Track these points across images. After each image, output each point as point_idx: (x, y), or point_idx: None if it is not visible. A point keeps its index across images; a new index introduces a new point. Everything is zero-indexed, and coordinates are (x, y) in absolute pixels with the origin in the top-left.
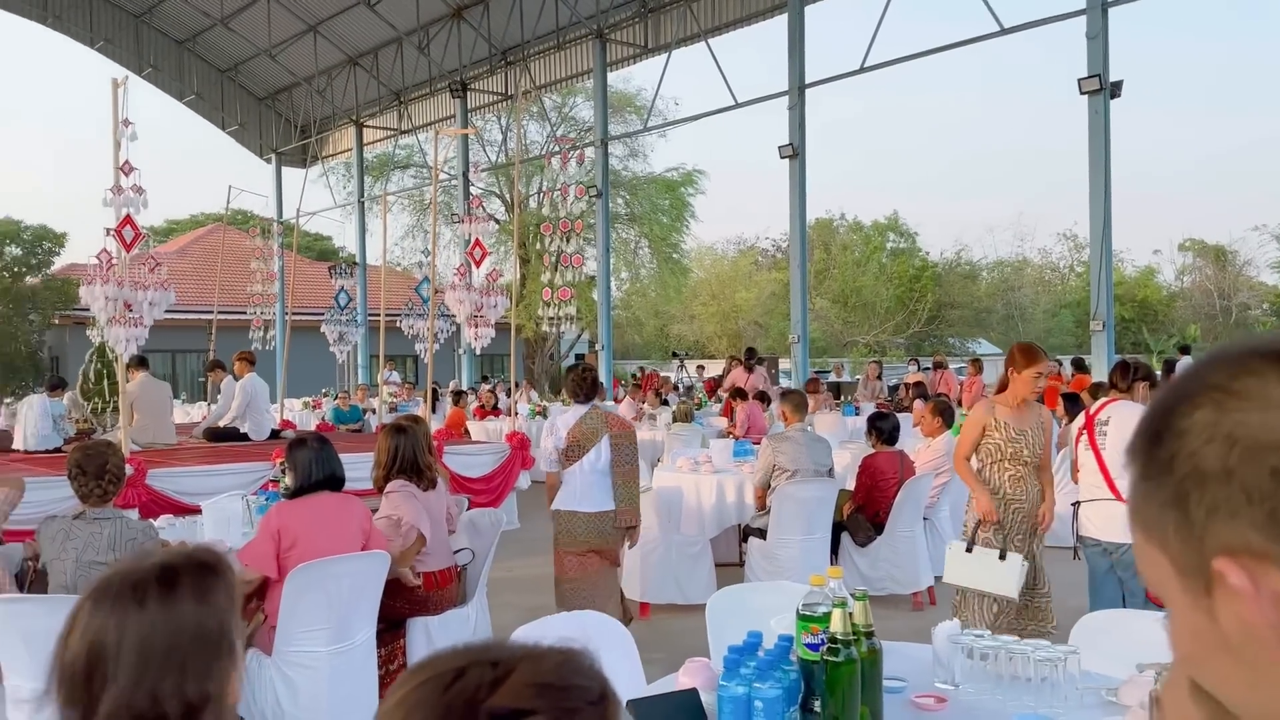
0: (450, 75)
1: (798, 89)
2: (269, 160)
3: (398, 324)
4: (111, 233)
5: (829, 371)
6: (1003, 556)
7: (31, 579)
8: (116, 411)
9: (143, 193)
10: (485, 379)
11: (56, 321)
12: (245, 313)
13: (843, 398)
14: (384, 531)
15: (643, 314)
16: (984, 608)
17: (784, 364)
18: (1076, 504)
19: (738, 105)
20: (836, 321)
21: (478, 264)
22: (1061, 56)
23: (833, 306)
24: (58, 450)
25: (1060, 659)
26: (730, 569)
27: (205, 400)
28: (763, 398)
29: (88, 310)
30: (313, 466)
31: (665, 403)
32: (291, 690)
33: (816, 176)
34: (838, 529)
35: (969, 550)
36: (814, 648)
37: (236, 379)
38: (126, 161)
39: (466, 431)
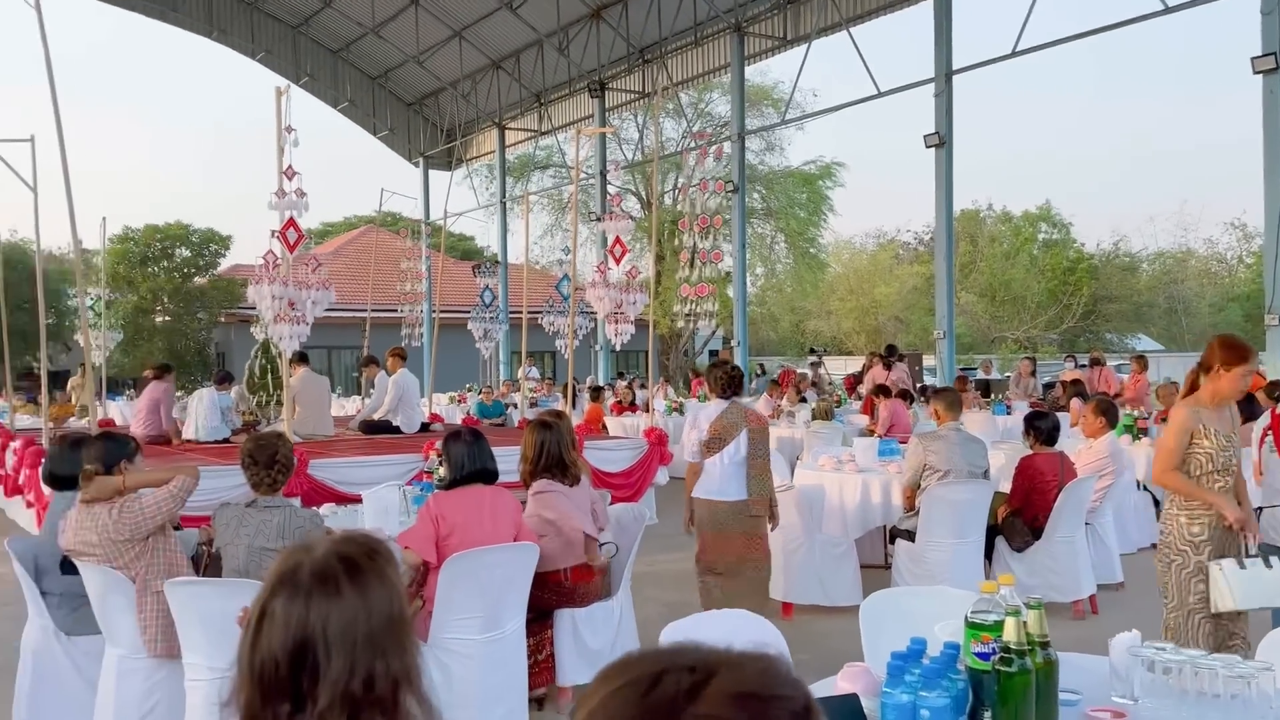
0: (589, 75)
1: (945, 75)
2: (417, 164)
3: (539, 321)
4: (276, 235)
5: (975, 368)
6: (1268, 564)
7: (206, 563)
8: (280, 404)
9: (304, 196)
10: (620, 375)
11: (223, 320)
12: (396, 310)
13: (992, 396)
14: (535, 529)
15: (778, 310)
16: (1197, 626)
17: (927, 360)
18: (1259, 509)
19: (880, 95)
20: (983, 316)
21: (618, 261)
22: (1231, 35)
23: (979, 301)
24: (225, 441)
25: (1252, 675)
26: (875, 571)
27: (359, 395)
28: (906, 395)
29: (252, 309)
30: (466, 460)
31: (804, 400)
32: (446, 677)
33: (963, 165)
34: (992, 533)
35: (1243, 566)
36: (984, 657)
37: (389, 374)
38: (289, 166)
39: (604, 427)
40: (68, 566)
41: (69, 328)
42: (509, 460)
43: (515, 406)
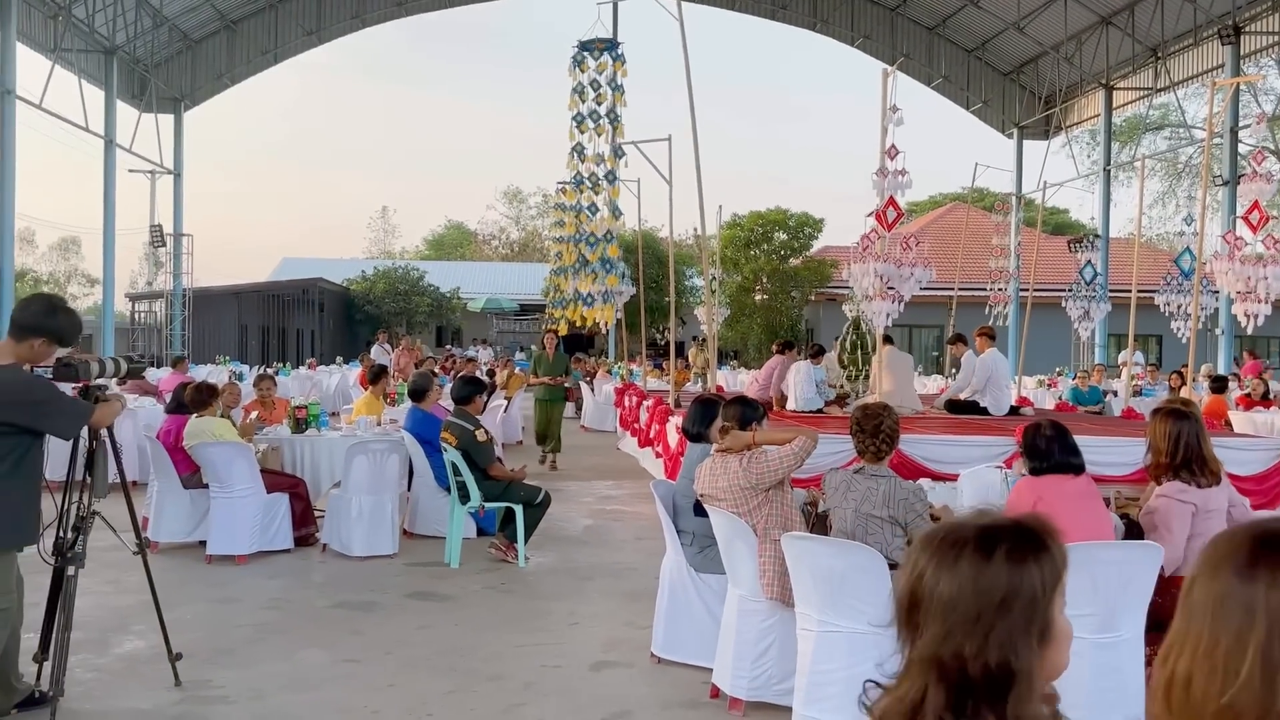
0: (1220, 20)
1: None
2: (1010, 135)
3: (1153, 300)
4: (873, 214)
5: None
6: None
7: (813, 521)
8: (867, 379)
9: (906, 174)
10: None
11: (813, 298)
12: (984, 289)
13: None
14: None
15: None
16: None
17: None
18: None
19: None
20: None
21: (1254, 229)
22: None
23: None
24: (819, 411)
25: None
26: None
27: (940, 373)
28: None
29: (841, 287)
30: (1047, 450)
31: None
32: None
33: None
34: None
35: None
36: None
37: (977, 354)
38: (893, 146)
39: (1228, 423)
40: (700, 510)
41: (688, 304)
42: (1107, 452)
43: (1114, 394)
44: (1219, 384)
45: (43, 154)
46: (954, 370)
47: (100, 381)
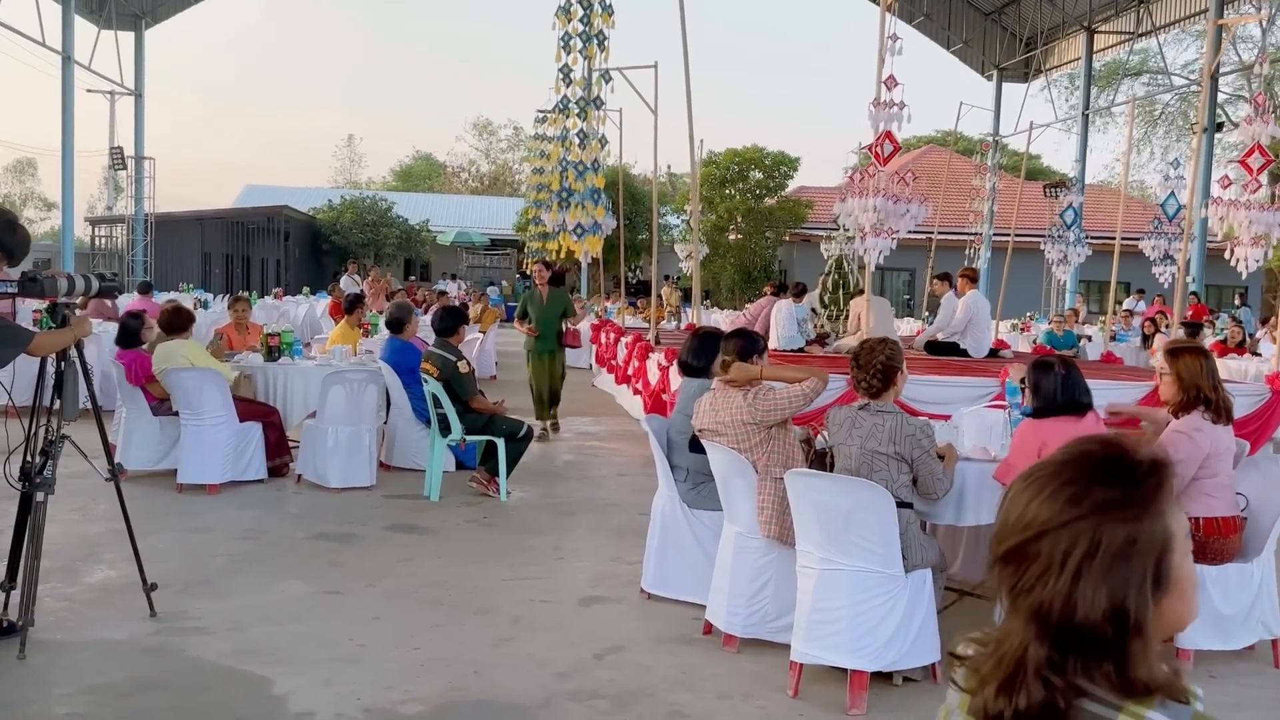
0: None
1: None
2: (990, 77)
3: (1138, 246)
4: (867, 147)
5: None
6: None
7: (811, 459)
8: (847, 319)
9: (905, 107)
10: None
11: (787, 239)
12: (958, 234)
13: None
14: None
15: None
16: None
17: None
18: None
19: None
20: None
21: (1254, 173)
22: None
23: None
24: (800, 350)
25: None
26: None
27: (911, 316)
28: None
29: (816, 228)
30: (1058, 390)
31: None
32: None
33: None
34: None
35: None
36: None
37: (958, 295)
38: (891, 76)
39: None
40: (695, 446)
41: (662, 243)
42: (1100, 394)
43: (1089, 339)
44: (1193, 330)
45: None
46: (929, 314)
47: (65, 300)
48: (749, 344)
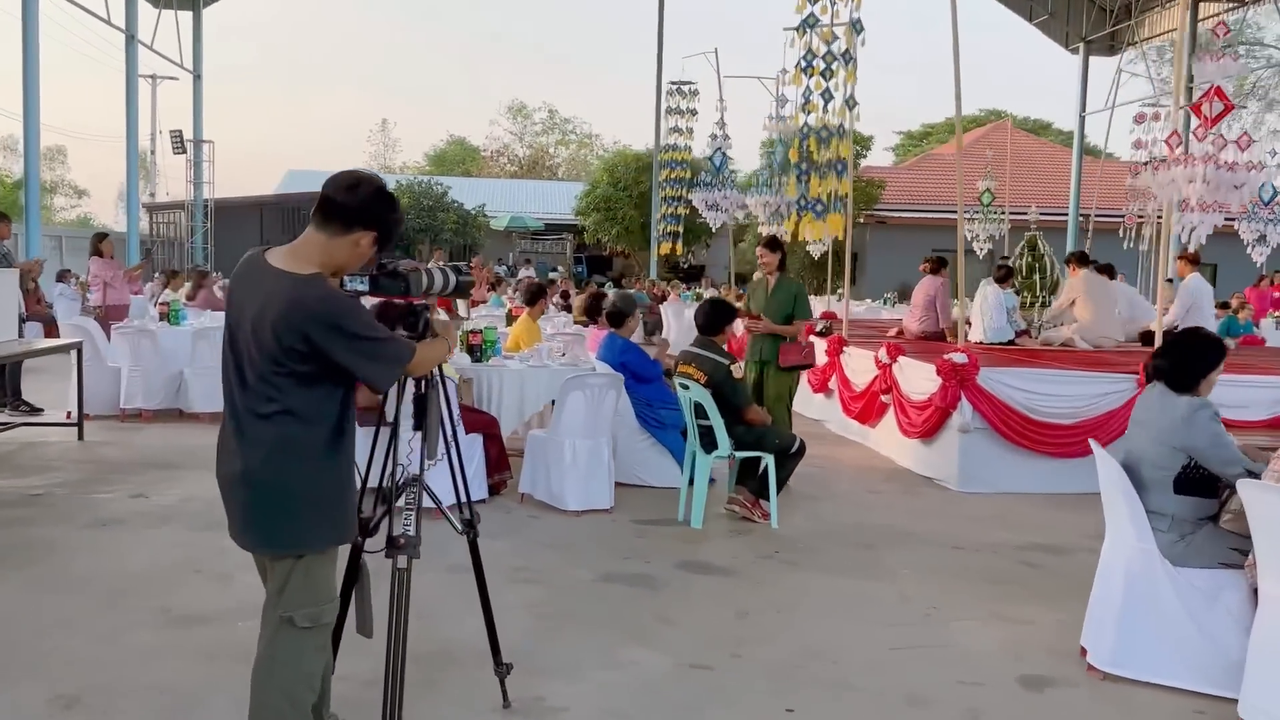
0: None
1: None
2: (1075, 50)
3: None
4: (1188, 107)
5: None
6: None
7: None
8: (1044, 306)
9: (1238, 58)
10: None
11: (861, 220)
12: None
13: None
14: None
15: None
16: None
17: None
18: None
19: None
20: None
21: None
22: None
23: None
24: (1009, 344)
25: None
26: None
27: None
28: None
29: (889, 209)
30: None
31: None
32: None
33: None
34: None
35: None
36: None
37: (1179, 280)
38: (1221, 21)
39: None
40: (1183, 487)
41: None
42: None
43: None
44: None
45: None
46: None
47: (423, 301)
48: None
